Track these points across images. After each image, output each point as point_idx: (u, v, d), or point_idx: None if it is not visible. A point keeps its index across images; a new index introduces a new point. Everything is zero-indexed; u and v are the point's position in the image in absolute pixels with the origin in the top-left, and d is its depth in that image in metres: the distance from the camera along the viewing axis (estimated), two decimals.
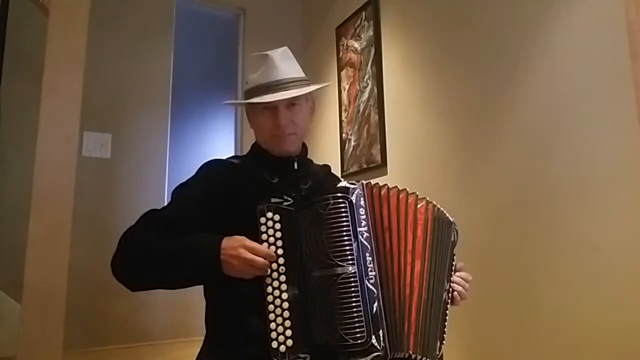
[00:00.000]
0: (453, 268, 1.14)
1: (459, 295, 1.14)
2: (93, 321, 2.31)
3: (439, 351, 1.04)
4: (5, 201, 2.25)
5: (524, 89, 1.73)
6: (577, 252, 1.52)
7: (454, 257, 1.15)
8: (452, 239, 1.13)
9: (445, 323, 1.09)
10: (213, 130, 4.06)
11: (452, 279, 1.12)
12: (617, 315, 1.40)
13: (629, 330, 1.37)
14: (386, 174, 2.34)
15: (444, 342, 1.08)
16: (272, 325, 0.95)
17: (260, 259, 0.95)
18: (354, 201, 0.97)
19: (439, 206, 1.09)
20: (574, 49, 1.58)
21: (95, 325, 2.32)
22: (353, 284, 0.92)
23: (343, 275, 0.93)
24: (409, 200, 1.04)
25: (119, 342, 2.35)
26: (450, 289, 1.11)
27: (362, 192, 0.99)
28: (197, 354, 1.10)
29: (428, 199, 1.07)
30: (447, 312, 1.10)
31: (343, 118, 2.71)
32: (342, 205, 0.96)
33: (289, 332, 0.94)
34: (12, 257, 1.93)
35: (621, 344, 1.38)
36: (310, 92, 1.22)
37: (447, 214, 1.12)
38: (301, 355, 0.93)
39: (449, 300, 1.11)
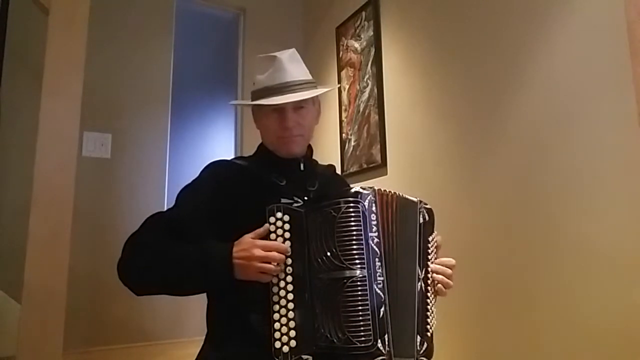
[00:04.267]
0: (429, 251, 1.10)
1: (443, 285, 1.11)
2: (93, 321, 2.31)
3: (421, 346, 1.03)
4: (5, 201, 2.25)
5: (524, 89, 1.73)
6: (576, 251, 1.52)
7: (430, 239, 1.12)
8: (421, 221, 1.09)
9: (428, 313, 1.06)
10: (213, 130, 4.06)
11: (429, 264, 1.09)
12: (616, 315, 1.40)
13: (628, 330, 1.37)
14: (386, 174, 2.34)
15: (428, 333, 1.05)
16: (277, 325, 0.95)
17: (275, 254, 0.96)
18: (366, 206, 0.97)
19: (400, 194, 1.07)
20: (574, 49, 1.58)
21: (95, 325, 2.32)
22: (361, 288, 0.93)
23: (352, 279, 0.93)
24: (404, 203, 1.05)
25: (119, 342, 2.35)
26: (429, 274, 1.09)
27: (374, 198, 0.99)
28: (197, 354, 1.10)
29: (399, 192, 1.06)
30: (429, 300, 1.07)
31: (343, 118, 2.71)
32: (355, 209, 0.96)
33: (292, 333, 0.94)
34: (12, 257, 1.93)
35: (620, 344, 1.38)
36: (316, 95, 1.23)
37: (410, 197, 1.09)
38: (304, 357, 0.93)
39: (429, 289, 1.08)
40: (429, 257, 1.11)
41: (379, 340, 0.91)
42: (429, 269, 1.10)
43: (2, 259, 2.15)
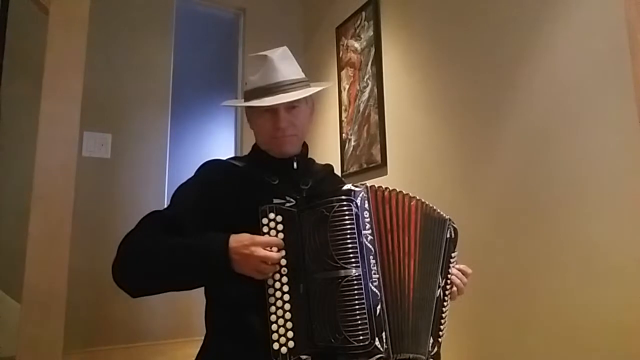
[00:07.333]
0: (451, 265, 1.14)
1: (457, 289, 1.15)
2: (93, 321, 2.31)
3: (433, 348, 1.05)
4: (5, 201, 2.25)
5: (524, 89, 1.73)
6: (576, 252, 1.52)
7: (453, 255, 1.15)
8: (448, 236, 1.13)
9: (442, 320, 1.09)
10: (213, 130, 4.05)
11: (449, 275, 1.13)
12: (617, 316, 1.40)
13: (628, 330, 1.37)
14: (386, 174, 2.34)
15: (439, 339, 1.08)
16: (274, 327, 0.95)
17: (274, 254, 0.96)
18: (358, 204, 0.97)
19: (428, 203, 1.09)
20: (574, 49, 1.58)
21: (95, 325, 2.32)
22: (357, 287, 0.92)
23: (347, 278, 0.93)
24: (405, 201, 1.05)
25: (119, 342, 2.36)
26: (448, 286, 1.12)
27: (366, 195, 0.99)
28: (197, 354, 1.10)
29: (420, 198, 1.07)
30: (444, 309, 1.11)
31: (343, 118, 2.71)
32: (347, 208, 0.96)
33: (290, 334, 0.94)
34: (12, 257, 1.93)
35: (620, 344, 1.38)
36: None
37: (441, 212, 1.13)
38: (302, 357, 0.93)
39: (447, 297, 1.12)
40: (449, 270, 1.13)
41: (377, 339, 0.91)
42: (449, 281, 1.13)
43: (2, 259, 2.15)
